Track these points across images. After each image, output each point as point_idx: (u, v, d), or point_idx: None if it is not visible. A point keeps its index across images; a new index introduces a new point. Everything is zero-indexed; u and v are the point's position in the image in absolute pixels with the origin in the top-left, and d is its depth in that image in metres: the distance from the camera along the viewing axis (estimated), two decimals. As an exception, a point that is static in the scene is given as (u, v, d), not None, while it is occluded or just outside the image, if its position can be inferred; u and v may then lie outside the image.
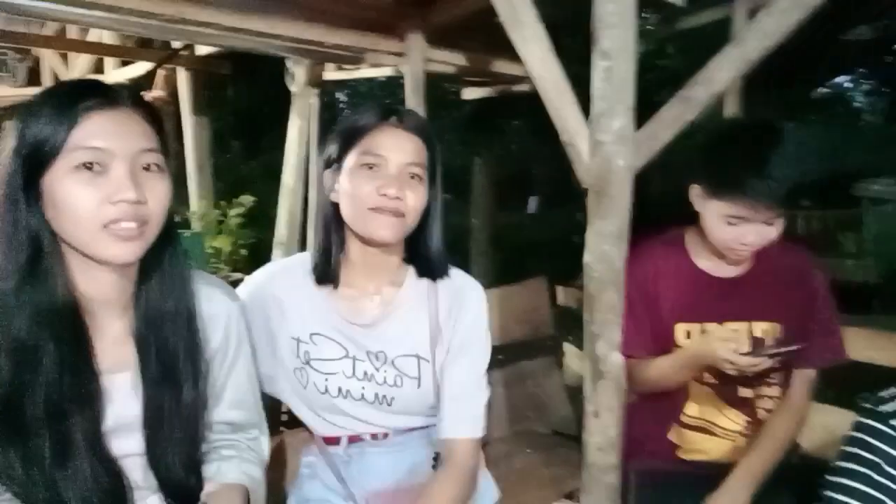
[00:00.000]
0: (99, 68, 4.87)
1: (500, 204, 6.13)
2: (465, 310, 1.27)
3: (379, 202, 1.15)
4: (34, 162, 0.90)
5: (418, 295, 1.27)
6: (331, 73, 3.80)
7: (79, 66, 4.94)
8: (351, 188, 1.18)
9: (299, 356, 1.24)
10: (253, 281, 1.31)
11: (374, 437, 1.26)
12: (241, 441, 1.15)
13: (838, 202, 7.45)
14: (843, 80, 11.86)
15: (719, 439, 1.62)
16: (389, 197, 1.15)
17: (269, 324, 1.25)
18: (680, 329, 1.59)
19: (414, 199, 1.18)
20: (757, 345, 1.53)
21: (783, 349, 1.46)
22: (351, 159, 1.19)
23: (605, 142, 1.62)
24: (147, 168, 0.94)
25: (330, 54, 3.06)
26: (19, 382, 0.91)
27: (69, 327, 0.94)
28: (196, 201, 4.28)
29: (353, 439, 1.27)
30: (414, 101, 2.92)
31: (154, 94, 4.46)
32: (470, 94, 4.36)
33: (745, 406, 1.60)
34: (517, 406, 2.30)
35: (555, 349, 2.68)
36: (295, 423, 1.61)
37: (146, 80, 4.51)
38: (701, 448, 1.63)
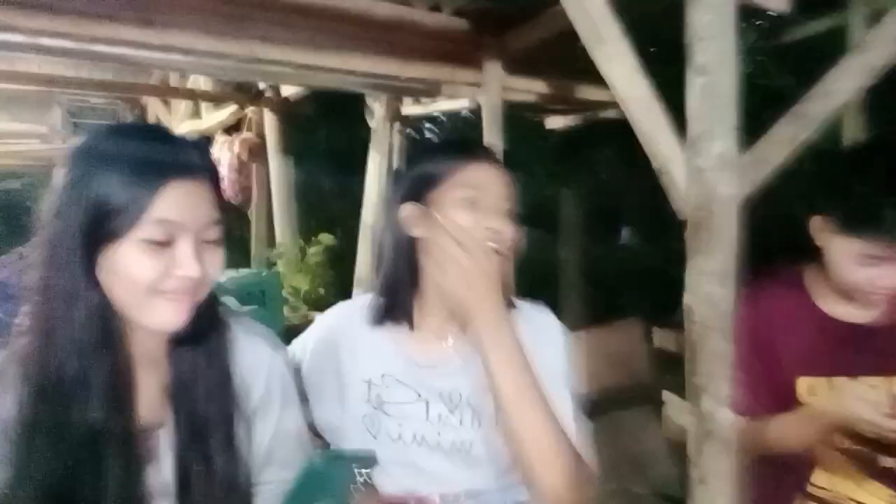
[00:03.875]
0: (196, 112, 5.10)
1: (592, 237, 5.87)
2: (547, 338, 1.20)
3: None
4: (100, 231, 0.84)
5: None
6: (409, 108, 3.77)
7: (179, 112, 5.20)
8: (447, 222, 1.11)
9: (370, 400, 1.17)
10: (323, 322, 1.28)
11: (443, 497, 1.13)
12: None
13: None
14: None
15: (858, 517, 1.35)
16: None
17: (340, 367, 1.19)
18: (803, 384, 1.37)
19: (513, 235, 1.15)
20: None
21: None
22: (443, 193, 1.14)
23: (705, 168, 1.43)
24: (209, 241, 0.90)
25: (405, 88, 3.01)
26: (77, 457, 0.86)
27: (122, 393, 0.90)
28: (280, 240, 4.34)
29: (421, 501, 1.14)
30: (492, 131, 2.79)
31: (245, 135, 4.59)
32: (553, 122, 4.20)
33: (890, 478, 1.34)
34: (611, 462, 2.08)
35: (653, 398, 2.44)
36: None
37: (237, 123, 4.67)
38: (834, 527, 1.37)
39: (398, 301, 1.19)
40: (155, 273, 0.85)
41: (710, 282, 1.46)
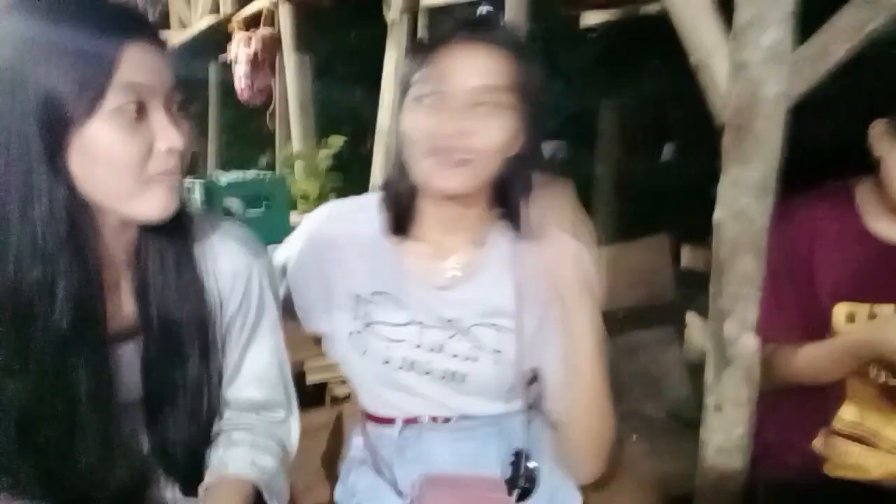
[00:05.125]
0: (216, 7, 4.85)
1: (632, 151, 5.60)
2: (559, 273, 1.01)
3: (435, 144, 0.92)
4: (60, 113, 0.72)
5: (504, 256, 1.05)
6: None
7: (199, 6, 4.98)
8: (405, 127, 0.97)
9: (358, 317, 1.06)
10: (308, 226, 1.14)
11: (434, 419, 1.06)
12: (259, 424, 0.98)
13: None
14: None
15: (884, 455, 1.25)
16: (446, 137, 0.91)
17: (327, 277, 1.08)
18: (841, 310, 1.24)
19: (487, 136, 0.93)
20: None
21: None
22: (412, 89, 0.97)
23: (751, 62, 1.25)
24: (176, 111, 0.80)
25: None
26: (44, 375, 0.78)
27: (92, 299, 0.80)
28: (299, 142, 4.20)
29: (410, 421, 1.07)
30: (516, 25, 2.55)
31: (263, 31, 4.36)
32: (590, 18, 3.81)
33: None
34: (626, 383, 1.99)
35: (676, 319, 2.33)
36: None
37: (256, 19, 4.44)
38: (858, 464, 1.27)
39: (396, 209, 1.04)
40: (137, 150, 0.75)
41: (746, 194, 1.31)
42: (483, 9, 1.03)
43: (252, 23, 4.53)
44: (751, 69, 1.26)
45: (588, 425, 0.99)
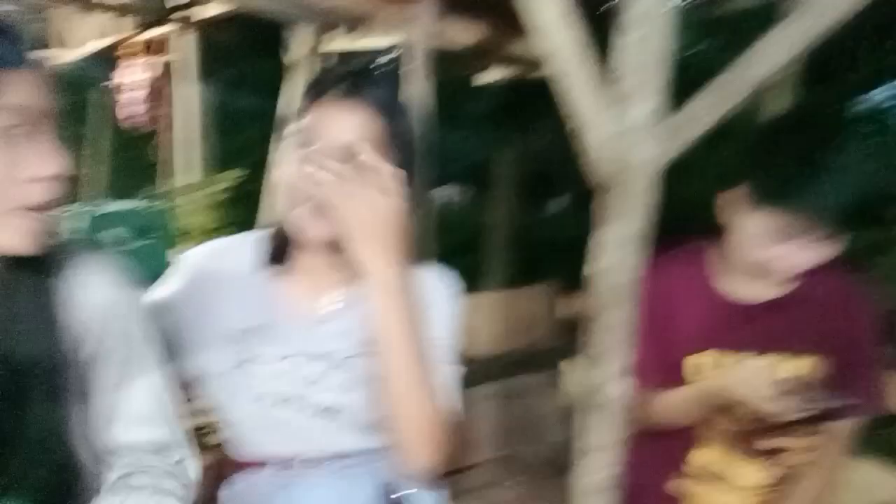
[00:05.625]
0: (103, 32, 4.62)
1: (526, 201, 5.81)
2: (432, 307, 1.07)
3: (305, 195, 0.97)
4: None
5: None
6: (332, 44, 3.49)
7: (88, 30, 4.72)
8: (280, 175, 1.02)
9: (232, 355, 1.05)
10: (188, 259, 1.13)
11: (308, 460, 1.06)
12: (158, 466, 0.92)
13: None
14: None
15: (731, 497, 1.35)
16: (315, 188, 0.95)
17: (203, 315, 1.07)
18: (690, 363, 1.34)
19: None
20: (794, 387, 1.25)
21: (825, 400, 1.21)
22: (289, 139, 1.02)
23: (627, 127, 1.35)
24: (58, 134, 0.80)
25: (324, 18, 2.75)
26: None
27: None
28: (190, 173, 4.04)
29: (284, 463, 1.06)
30: (418, 77, 2.62)
31: (157, 58, 4.22)
32: (494, 74, 4.00)
33: (766, 459, 1.34)
34: (506, 427, 2.05)
35: (554, 365, 2.42)
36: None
37: (147, 45, 4.29)
38: (710, 506, 1.35)
39: (278, 243, 1.07)
40: (8, 176, 0.72)
41: (618, 250, 1.39)
42: (379, 60, 1.09)
43: (145, 49, 4.38)
44: (626, 134, 1.34)
45: (409, 416, 1.00)
